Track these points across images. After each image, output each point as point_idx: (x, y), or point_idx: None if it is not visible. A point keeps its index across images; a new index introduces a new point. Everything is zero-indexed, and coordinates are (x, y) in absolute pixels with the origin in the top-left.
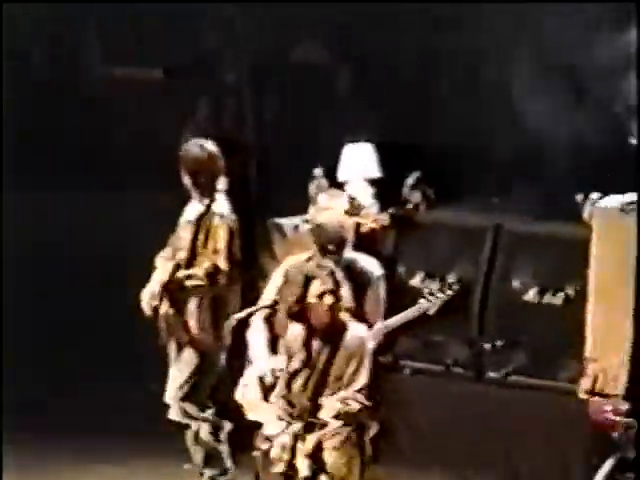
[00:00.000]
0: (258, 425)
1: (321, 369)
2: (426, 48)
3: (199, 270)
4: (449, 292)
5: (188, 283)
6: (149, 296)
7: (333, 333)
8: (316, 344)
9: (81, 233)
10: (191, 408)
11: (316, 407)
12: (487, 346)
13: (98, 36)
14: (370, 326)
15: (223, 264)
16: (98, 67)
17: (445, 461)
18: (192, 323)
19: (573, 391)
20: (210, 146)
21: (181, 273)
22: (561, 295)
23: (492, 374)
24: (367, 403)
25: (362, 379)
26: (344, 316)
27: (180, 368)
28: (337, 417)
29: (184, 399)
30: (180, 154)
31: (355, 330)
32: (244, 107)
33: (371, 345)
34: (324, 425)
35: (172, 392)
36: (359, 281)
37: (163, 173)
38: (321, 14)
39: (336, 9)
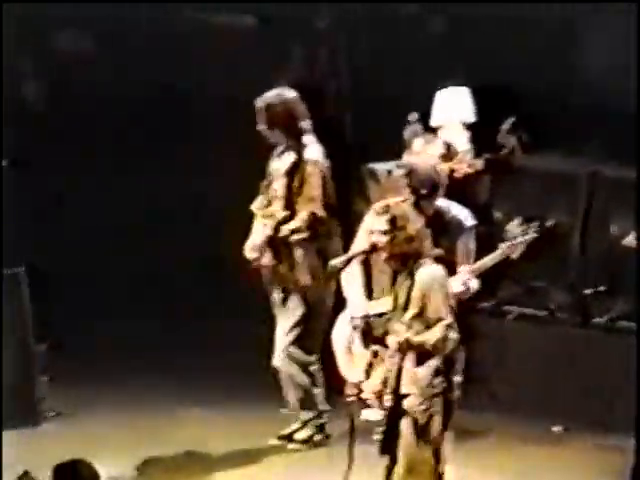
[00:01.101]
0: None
1: (402, 305)
2: None
3: (299, 222)
4: (531, 235)
5: (292, 238)
6: (252, 248)
7: (409, 268)
8: (398, 281)
9: (170, 180)
10: (298, 353)
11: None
12: (589, 291)
13: None
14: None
15: (320, 211)
16: (193, 15)
17: (543, 408)
18: (301, 273)
19: None
20: (287, 92)
21: (284, 230)
22: None
23: (597, 319)
24: (455, 337)
25: (446, 317)
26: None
27: (288, 315)
28: (421, 360)
29: (292, 344)
30: (259, 112)
31: (428, 269)
32: (338, 53)
33: (455, 289)
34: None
35: (280, 338)
36: (449, 230)
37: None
38: None
39: None
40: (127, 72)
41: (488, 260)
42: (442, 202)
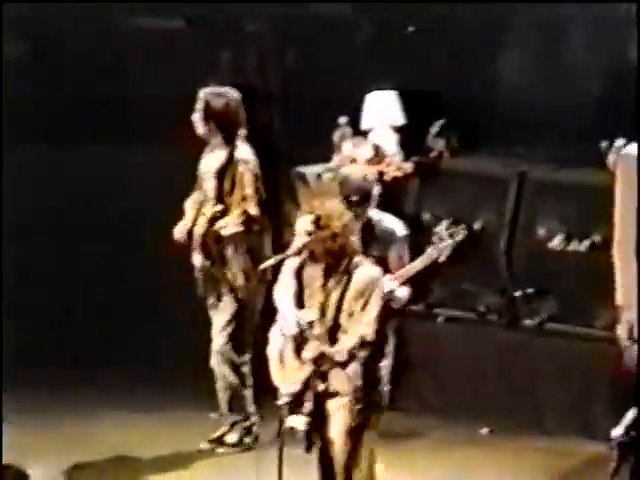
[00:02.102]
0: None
1: (335, 305)
2: None
3: (232, 218)
4: (458, 237)
5: (223, 232)
6: (181, 230)
7: (344, 269)
8: (331, 282)
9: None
10: (230, 353)
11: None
12: (518, 294)
13: None
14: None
15: (253, 210)
16: (122, 18)
17: (471, 410)
18: (233, 273)
19: (608, 338)
20: (232, 93)
21: (216, 225)
22: (587, 242)
23: (527, 321)
24: (371, 339)
25: (368, 316)
26: (357, 258)
27: (220, 315)
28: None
29: (225, 344)
30: (200, 102)
31: (366, 269)
32: (267, 56)
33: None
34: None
35: (214, 338)
36: (381, 240)
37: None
38: None
39: None
40: (60, 75)
41: (416, 264)
42: (374, 213)
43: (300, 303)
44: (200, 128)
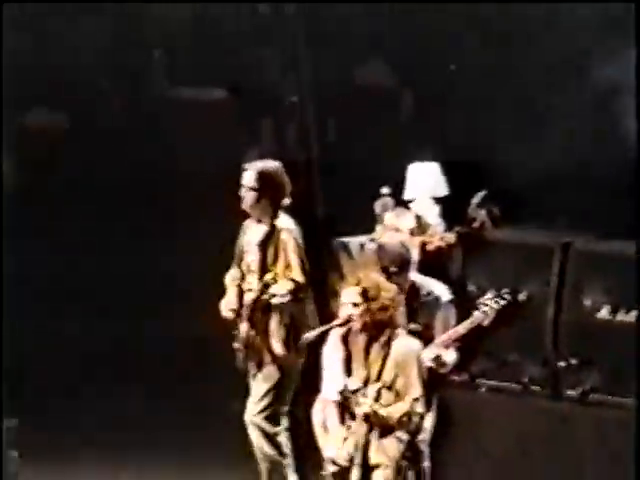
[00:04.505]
0: None
1: (374, 379)
2: (490, 66)
3: (280, 287)
4: (502, 302)
5: (274, 301)
6: (228, 307)
7: (385, 341)
8: (372, 353)
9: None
10: (263, 423)
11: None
12: (562, 364)
13: (163, 58)
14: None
15: (299, 277)
16: (163, 88)
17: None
18: (275, 342)
19: None
20: (276, 164)
21: (266, 294)
22: (634, 313)
23: (569, 392)
24: (421, 411)
25: (415, 391)
26: (399, 330)
27: (259, 384)
28: (388, 430)
29: (260, 412)
30: (248, 175)
31: (404, 342)
32: (308, 126)
33: (428, 362)
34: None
35: (250, 407)
36: (426, 305)
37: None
38: (385, 34)
39: (400, 28)
40: (97, 150)
41: (460, 328)
42: (418, 277)
43: (348, 370)
44: (249, 201)
